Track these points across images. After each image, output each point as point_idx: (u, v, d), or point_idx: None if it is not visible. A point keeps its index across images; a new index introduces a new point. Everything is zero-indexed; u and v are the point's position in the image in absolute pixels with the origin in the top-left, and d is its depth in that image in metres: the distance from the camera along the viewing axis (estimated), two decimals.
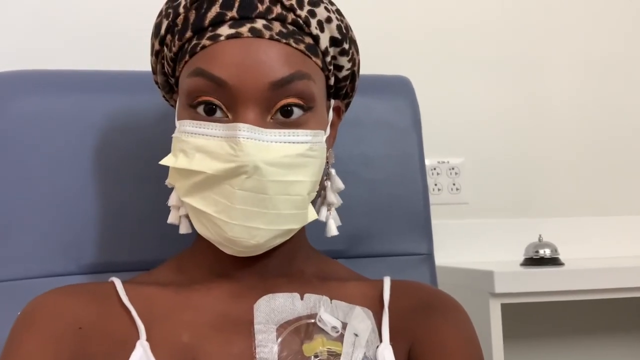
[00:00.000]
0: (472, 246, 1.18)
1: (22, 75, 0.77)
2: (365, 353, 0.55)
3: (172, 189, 0.63)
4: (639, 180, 1.29)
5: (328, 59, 0.60)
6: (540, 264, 1.02)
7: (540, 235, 1.06)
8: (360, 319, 0.57)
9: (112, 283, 0.61)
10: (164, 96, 0.68)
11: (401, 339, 0.58)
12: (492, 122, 1.24)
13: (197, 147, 0.56)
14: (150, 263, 0.72)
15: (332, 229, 0.65)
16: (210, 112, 0.56)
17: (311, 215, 0.60)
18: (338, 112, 0.66)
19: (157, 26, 0.61)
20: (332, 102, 0.64)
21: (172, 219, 0.64)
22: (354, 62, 0.64)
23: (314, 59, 0.58)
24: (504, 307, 0.93)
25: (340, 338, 0.55)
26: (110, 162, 0.75)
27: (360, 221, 0.79)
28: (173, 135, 0.59)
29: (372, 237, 0.80)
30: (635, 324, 1.23)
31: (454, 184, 1.22)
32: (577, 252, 1.16)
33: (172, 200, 0.63)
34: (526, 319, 1.16)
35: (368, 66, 0.82)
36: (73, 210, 0.73)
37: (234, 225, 0.55)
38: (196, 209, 0.57)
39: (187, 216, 0.63)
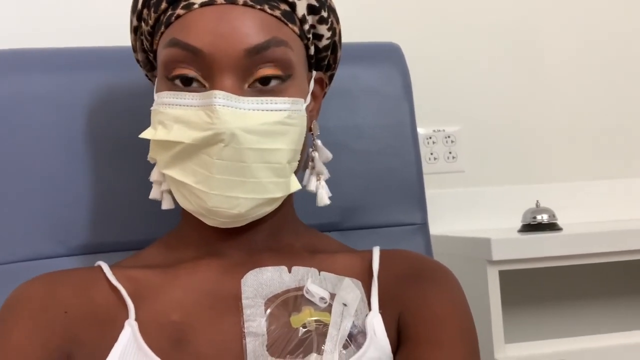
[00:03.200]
0: (470, 215, 1.17)
1: (7, 54, 0.76)
2: (354, 322, 0.55)
3: (155, 164, 0.62)
4: (635, 142, 1.28)
5: (306, 27, 0.60)
6: (538, 230, 1.01)
7: (537, 201, 1.05)
8: (349, 289, 0.57)
9: (99, 267, 0.61)
10: (146, 75, 0.67)
11: (390, 307, 0.58)
12: (487, 89, 1.22)
13: (175, 118, 0.55)
14: (139, 243, 0.71)
15: (324, 198, 0.65)
16: (187, 82, 0.56)
17: (294, 185, 0.59)
18: (321, 84, 0.66)
19: (135, 1, 0.61)
20: (314, 73, 0.63)
21: (154, 194, 0.64)
22: (334, 31, 0.63)
23: (290, 25, 0.58)
24: (502, 274, 0.93)
25: (329, 309, 0.55)
26: (96, 142, 0.74)
27: (353, 193, 0.79)
28: (152, 108, 0.59)
29: (365, 209, 0.79)
30: (635, 287, 1.23)
31: (450, 153, 1.20)
32: (575, 217, 1.15)
33: (154, 176, 0.63)
34: (525, 285, 1.16)
35: (356, 33, 0.80)
36: (60, 191, 0.72)
37: (214, 195, 0.55)
38: (176, 181, 0.57)
39: (169, 191, 0.62)
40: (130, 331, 0.54)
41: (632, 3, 1.29)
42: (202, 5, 0.55)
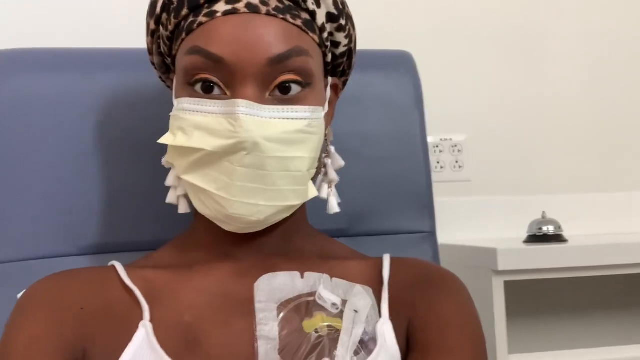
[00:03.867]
0: (475, 224, 1.17)
1: (16, 54, 0.76)
2: (365, 329, 0.55)
3: (170, 168, 0.62)
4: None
5: (325, 35, 0.60)
6: (544, 241, 1.01)
7: (543, 212, 1.05)
8: (360, 296, 0.57)
9: (113, 267, 0.61)
10: (160, 77, 0.67)
11: (400, 314, 0.58)
12: (495, 99, 1.23)
13: (195, 125, 0.55)
14: (149, 244, 0.71)
15: (334, 206, 0.65)
16: (208, 89, 0.56)
17: (312, 192, 0.60)
18: (335, 89, 0.66)
19: (153, 5, 0.61)
20: (330, 79, 0.64)
21: (170, 198, 0.64)
22: (351, 38, 0.63)
23: (311, 34, 0.58)
24: (507, 284, 0.93)
25: (340, 315, 0.55)
26: (108, 142, 0.75)
27: (362, 199, 0.79)
28: (171, 113, 0.59)
29: (374, 216, 0.79)
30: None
31: (456, 162, 1.21)
32: (581, 229, 1.15)
33: (170, 180, 0.63)
34: (529, 296, 1.16)
35: (368, 41, 0.81)
36: (71, 191, 0.73)
37: (234, 202, 0.55)
38: (196, 187, 0.57)
39: (185, 196, 0.63)
40: (144, 332, 0.54)
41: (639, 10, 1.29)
42: (225, 13, 0.55)
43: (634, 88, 1.29)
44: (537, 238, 1.02)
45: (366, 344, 0.54)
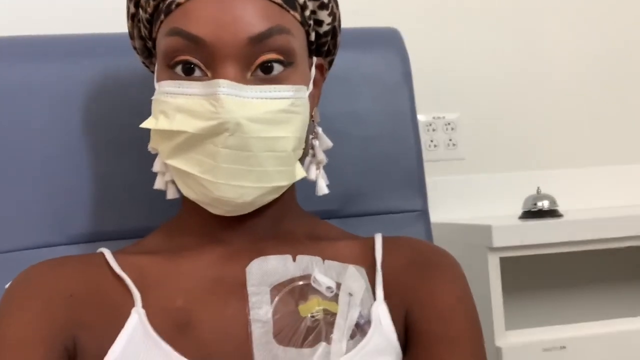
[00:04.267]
0: (471, 202, 1.17)
1: (1, 42, 0.75)
2: (360, 312, 0.55)
3: (157, 154, 0.62)
4: (635, 128, 1.27)
5: (307, 13, 0.59)
6: (539, 217, 1.01)
7: (538, 188, 1.05)
8: (354, 278, 0.57)
9: (102, 254, 0.60)
10: (143, 62, 0.66)
11: (396, 297, 0.58)
12: (487, 76, 1.22)
13: (177, 107, 0.55)
14: (139, 231, 0.71)
15: (323, 188, 0.65)
16: (188, 71, 0.55)
17: (299, 172, 0.59)
18: (321, 70, 0.65)
19: None
20: (315, 59, 0.63)
21: (158, 184, 0.63)
22: (334, 16, 0.62)
23: (292, 12, 0.57)
24: (502, 261, 0.93)
25: (335, 298, 0.55)
26: (94, 130, 0.74)
27: (352, 180, 0.78)
28: (153, 97, 0.58)
29: (365, 196, 0.79)
30: (636, 273, 1.23)
31: (450, 140, 1.20)
32: (576, 204, 1.15)
33: (157, 166, 0.62)
34: (525, 272, 1.16)
35: (354, 18, 0.79)
36: (58, 180, 0.72)
37: (220, 185, 0.54)
38: (181, 171, 0.56)
39: (173, 181, 0.62)
40: (137, 318, 0.54)
41: None
42: None
43: (628, 61, 1.28)
44: (532, 214, 1.02)
45: (362, 327, 0.54)
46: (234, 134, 0.53)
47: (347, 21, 0.73)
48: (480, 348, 0.57)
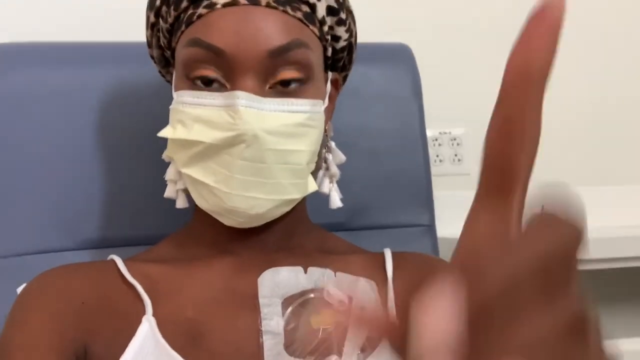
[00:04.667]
0: None
1: (16, 47, 0.76)
2: None
3: (169, 163, 0.62)
4: (634, 150, 1.27)
5: (325, 28, 0.60)
6: None
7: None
8: (365, 292, 0.57)
9: (113, 261, 0.61)
10: (159, 71, 0.67)
11: (406, 316, 0.57)
12: (494, 92, 1.21)
13: (195, 117, 0.55)
14: (149, 238, 0.71)
15: (336, 201, 0.65)
16: (208, 83, 0.56)
17: (311, 186, 0.60)
18: (336, 84, 0.66)
19: None
20: (330, 74, 0.63)
21: (169, 193, 0.64)
22: (351, 33, 0.63)
23: (311, 27, 0.58)
24: None
25: (347, 311, 0.55)
26: (108, 136, 0.74)
27: (361, 193, 0.78)
28: (170, 106, 0.59)
29: (373, 209, 0.79)
30: (631, 294, 1.23)
31: (455, 155, 1.20)
32: None
33: (169, 174, 0.63)
34: None
35: (366, 34, 0.80)
36: (70, 185, 0.72)
37: (234, 196, 0.55)
38: (195, 180, 0.57)
39: (184, 190, 0.63)
40: (148, 326, 0.54)
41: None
42: (224, 5, 0.55)
43: (631, 83, 1.28)
44: None
45: (372, 342, 0.54)
46: (250, 146, 0.53)
47: (358, 36, 0.73)
48: None
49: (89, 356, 0.54)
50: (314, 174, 0.61)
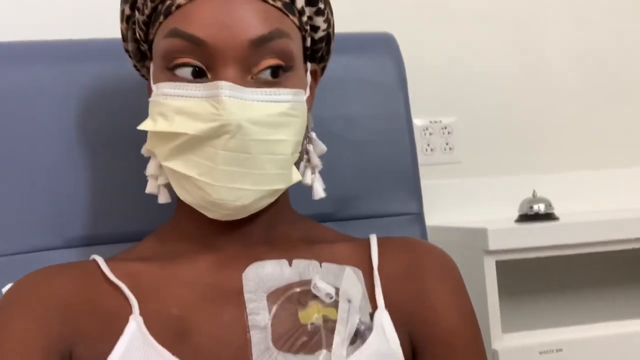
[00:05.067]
0: (467, 205, 1.17)
1: (1, 46, 0.75)
2: (360, 318, 0.54)
3: (150, 158, 0.62)
4: (631, 131, 1.27)
5: (304, 18, 0.59)
6: (535, 220, 1.01)
7: (534, 191, 1.05)
8: (351, 282, 0.56)
9: (94, 261, 0.60)
10: (134, 65, 0.66)
11: (394, 305, 0.58)
12: (484, 80, 1.22)
13: (176, 109, 0.54)
14: (135, 234, 0.71)
15: (319, 192, 0.65)
16: (188, 73, 0.55)
17: (296, 176, 0.59)
18: (314, 75, 0.65)
19: None
20: (309, 65, 0.63)
21: (150, 188, 0.63)
22: (329, 23, 0.63)
23: (291, 17, 0.57)
24: (498, 264, 0.93)
25: (334, 304, 0.55)
26: (91, 133, 0.74)
27: (348, 183, 0.78)
28: (150, 99, 0.58)
29: (360, 199, 0.79)
30: (631, 276, 1.23)
31: (446, 144, 1.20)
32: (572, 207, 1.15)
33: (150, 169, 0.62)
34: (521, 275, 1.16)
35: (349, 23, 0.80)
36: (55, 182, 0.72)
37: (218, 187, 0.54)
38: (178, 173, 0.56)
39: (165, 185, 0.62)
40: (135, 325, 0.54)
41: None
42: None
43: (625, 65, 1.28)
44: (528, 217, 1.02)
45: (362, 333, 0.54)
46: (234, 136, 0.53)
47: (342, 26, 0.73)
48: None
49: (74, 357, 0.54)
50: (296, 165, 0.61)
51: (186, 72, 0.55)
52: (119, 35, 0.72)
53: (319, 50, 0.64)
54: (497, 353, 0.90)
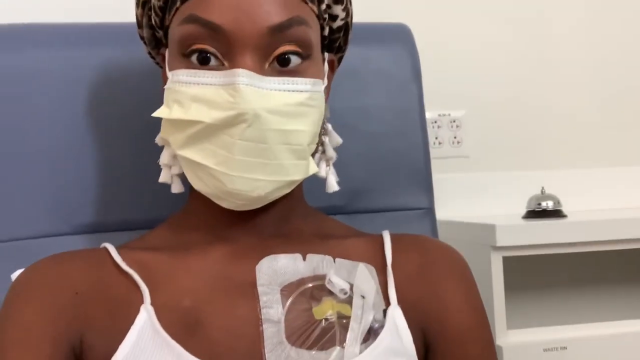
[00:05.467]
0: (474, 200, 1.17)
1: (9, 29, 0.74)
2: (374, 316, 0.54)
3: (164, 147, 0.61)
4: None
5: (323, 6, 0.59)
6: (543, 217, 1.01)
7: (542, 188, 1.04)
8: (364, 278, 0.56)
9: (105, 249, 0.59)
10: (149, 52, 0.65)
11: (407, 302, 0.57)
12: (494, 74, 1.21)
13: (192, 97, 0.54)
14: (144, 222, 0.70)
15: (333, 184, 0.64)
16: (204, 60, 0.54)
17: (312, 167, 0.58)
18: (332, 66, 0.65)
19: None
20: (327, 55, 0.62)
21: (163, 178, 0.62)
22: (348, 12, 0.62)
23: (310, 5, 0.57)
24: (505, 260, 0.92)
25: (349, 300, 0.54)
26: (102, 119, 0.73)
27: (359, 176, 0.78)
28: (165, 86, 0.57)
29: (372, 192, 0.78)
30: (639, 275, 1.23)
31: (455, 137, 1.19)
32: (581, 204, 1.15)
33: (164, 159, 0.61)
34: (528, 272, 1.15)
35: (365, 14, 0.79)
36: (64, 168, 0.71)
37: (235, 178, 0.53)
38: (193, 162, 0.55)
39: (179, 175, 0.61)
40: (146, 315, 0.53)
41: None
42: None
43: (637, 61, 1.27)
44: (536, 214, 1.02)
45: (375, 331, 0.54)
46: (251, 125, 0.52)
47: (357, 16, 0.72)
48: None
49: (84, 346, 0.53)
50: (312, 156, 0.60)
51: (198, 59, 0.54)
52: (129, 19, 0.71)
53: (336, 40, 0.63)
54: (502, 349, 0.89)
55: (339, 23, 0.61)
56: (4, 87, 0.71)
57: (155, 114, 0.56)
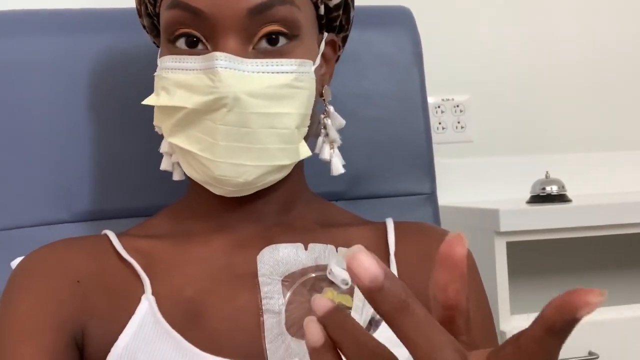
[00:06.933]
0: (478, 185, 1.16)
1: (7, 15, 0.74)
2: None
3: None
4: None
5: None
6: (547, 201, 1.00)
7: (547, 172, 1.03)
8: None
9: (106, 236, 0.59)
10: (154, 42, 0.65)
11: (409, 288, 0.56)
12: (497, 58, 1.20)
13: (177, 83, 0.53)
14: (144, 209, 0.70)
15: (338, 167, 0.63)
16: (190, 45, 0.54)
17: (303, 152, 0.57)
18: (333, 46, 0.63)
19: None
20: (325, 35, 0.61)
21: (164, 165, 0.62)
22: None
23: None
24: (509, 245, 0.92)
25: (350, 291, 0.54)
26: (102, 107, 0.72)
27: (361, 161, 0.77)
28: (155, 74, 0.57)
29: (373, 178, 0.77)
30: None
31: (458, 122, 1.18)
32: (585, 189, 1.14)
33: (164, 147, 0.61)
34: (532, 257, 1.15)
35: None
36: (64, 155, 0.71)
37: (220, 163, 0.53)
38: (181, 149, 0.55)
39: (179, 163, 0.61)
40: (147, 305, 0.53)
41: None
42: None
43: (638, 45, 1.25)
44: (540, 198, 1.01)
45: (376, 322, 0.53)
46: (232, 110, 0.51)
47: None
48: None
49: (85, 335, 0.53)
50: (312, 139, 0.59)
51: (186, 43, 0.54)
52: (128, 5, 0.70)
53: (336, 19, 0.61)
54: (505, 334, 0.89)
55: (335, 1, 0.59)
56: (3, 75, 0.70)
57: (144, 102, 0.56)
